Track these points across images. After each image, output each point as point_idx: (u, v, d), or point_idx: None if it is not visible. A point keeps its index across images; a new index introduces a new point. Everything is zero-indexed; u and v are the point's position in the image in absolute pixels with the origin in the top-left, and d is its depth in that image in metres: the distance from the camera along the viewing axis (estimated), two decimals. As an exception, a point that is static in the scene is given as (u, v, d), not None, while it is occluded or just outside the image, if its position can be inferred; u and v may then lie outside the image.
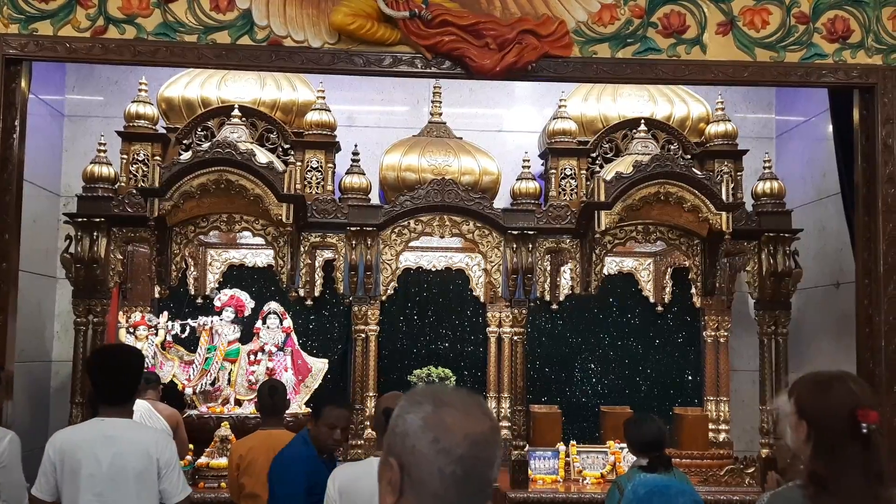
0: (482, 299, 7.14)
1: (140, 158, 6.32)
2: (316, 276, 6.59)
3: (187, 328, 6.41)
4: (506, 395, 6.82)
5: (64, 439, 3.51)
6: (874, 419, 2.04)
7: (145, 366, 4.88)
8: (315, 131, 6.46)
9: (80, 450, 3.43)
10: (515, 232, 6.00)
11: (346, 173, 6.42)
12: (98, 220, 5.84)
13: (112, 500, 3.41)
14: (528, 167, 6.55)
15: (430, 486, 1.44)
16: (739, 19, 4.89)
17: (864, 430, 2.02)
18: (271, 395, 4.71)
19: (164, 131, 6.57)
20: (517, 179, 6.48)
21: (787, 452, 2.76)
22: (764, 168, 6.46)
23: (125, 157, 6.34)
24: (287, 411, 5.17)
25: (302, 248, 6.04)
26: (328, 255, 6.51)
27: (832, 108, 5.42)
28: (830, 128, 5.78)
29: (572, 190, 6.52)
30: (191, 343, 6.46)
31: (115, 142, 6.35)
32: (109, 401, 3.54)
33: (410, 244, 6.20)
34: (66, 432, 3.59)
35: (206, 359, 6.34)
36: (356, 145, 6.53)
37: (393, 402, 3.75)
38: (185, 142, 6.50)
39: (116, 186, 6.12)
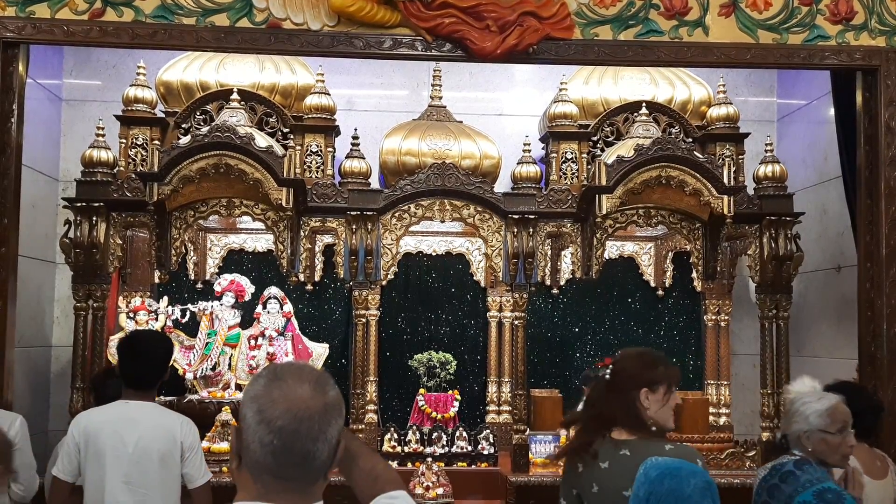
0: (483, 284, 7.13)
1: (139, 143, 6.29)
2: (316, 260, 6.58)
3: (187, 313, 6.39)
4: (506, 380, 6.83)
5: (88, 420, 3.55)
6: None
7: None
8: (314, 115, 6.42)
9: (104, 431, 3.48)
10: (516, 216, 5.98)
11: (346, 157, 6.39)
12: (97, 204, 5.81)
13: (138, 482, 3.45)
14: (529, 151, 6.52)
15: (254, 453, 1.59)
16: (742, 1, 4.85)
17: None
18: None
19: (163, 115, 6.52)
20: (518, 163, 6.45)
21: None
22: (765, 151, 6.43)
23: (124, 141, 6.30)
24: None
25: (302, 233, 6.03)
26: (328, 239, 6.49)
27: (834, 91, 5.39)
28: (832, 111, 5.74)
29: (573, 174, 6.49)
30: (191, 328, 6.45)
31: (114, 126, 6.31)
32: (133, 385, 3.60)
33: (411, 228, 6.18)
34: (91, 414, 3.63)
35: (207, 344, 6.33)
36: (356, 129, 6.50)
37: None
38: (183, 126, 6.46)
39: (115, 171, 6.09)
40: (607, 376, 2.92)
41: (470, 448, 6.11)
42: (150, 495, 3.47)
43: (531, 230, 6.00)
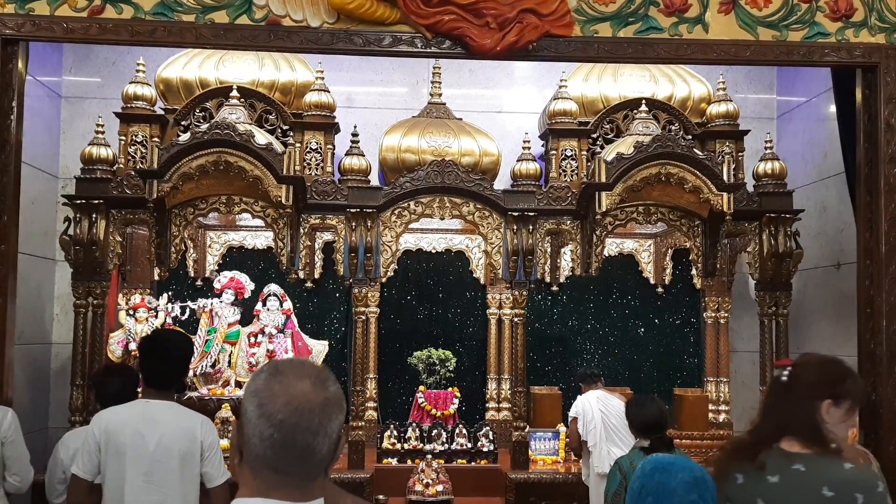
0: (482, 281, 7.14)
1: (138, 140, 6.29)
2: (316, 257, 6.59)
3: (187, 310, 6.40)
4: (506, 377, 6.84)
5: (109, 419, 3.55)
6: None
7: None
8: (314, 112, 6.42)
9: (125, 430, 3.48)
10: (516, 213, 5.98)
11: (346, 154, 6.39)
12: (97, 201, 5.82)
13: (158, 481, 3.46)
14: (529, 148, 6.52)
15: (254, 447, 1.59)
16: (742, -2, 4.84)
17: None
18: None
19: (163, 112, 6.53)
20: (517, 161, 6.45)
21: None
22: (765, 148, 6.44)
23: (123, 138, 6.31)
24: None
25: (301, 230, 6.03)
26: (328, 236, 6.50)
27: (836, 87, 5.37)
28: (832, 108, 5.74)
29: (573, 171, 6.49)
30: (191, 325, 6.46)
31: (114, 123, 6.32)
32: (154, 384, 3.61)
33: (410, 226, 6.19)
34: (112, 412, 3.63)
35: (207, 341, 6.34)
36: (355, 126, 6.50)
37: None
38: (183, 123, 6.46)
39: (115, 168, 6.09)
40: (784, 378, 2.63)
41: (469, 445, 6.12)
42: (170, 494, 3.47)
43: (531, 227, 6.00)
